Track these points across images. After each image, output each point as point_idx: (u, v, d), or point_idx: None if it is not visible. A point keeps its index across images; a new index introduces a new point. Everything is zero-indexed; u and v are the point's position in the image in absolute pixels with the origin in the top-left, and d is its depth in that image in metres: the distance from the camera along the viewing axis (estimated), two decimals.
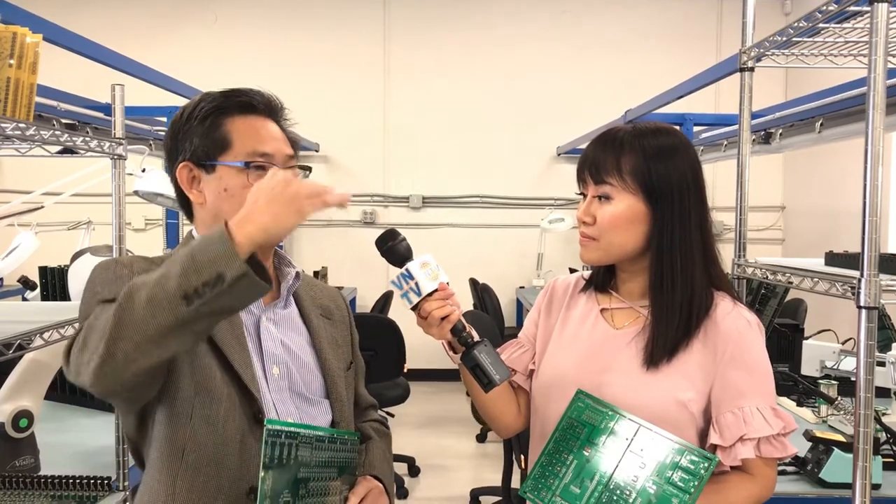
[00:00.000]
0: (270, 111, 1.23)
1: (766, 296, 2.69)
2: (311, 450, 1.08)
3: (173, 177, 1.22)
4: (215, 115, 1.18)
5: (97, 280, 1.14)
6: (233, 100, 1.20)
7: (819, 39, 1.86)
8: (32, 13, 2.08)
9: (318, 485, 1.11)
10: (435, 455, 4.46)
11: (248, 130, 1.19)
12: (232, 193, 1.17)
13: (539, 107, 6.36)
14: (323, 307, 1.33)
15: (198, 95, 1.23)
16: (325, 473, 1.12)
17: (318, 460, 1.10)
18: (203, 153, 1.18)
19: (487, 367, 1.20)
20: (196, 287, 0.92)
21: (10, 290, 4.01)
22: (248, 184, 1.15)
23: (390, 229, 1.24)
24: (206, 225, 1.22)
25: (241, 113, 1.20)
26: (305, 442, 1.07)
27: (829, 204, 5.61)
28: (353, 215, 6.43)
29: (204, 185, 1.19)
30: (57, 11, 3.31)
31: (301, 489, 1.06)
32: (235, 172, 1.17)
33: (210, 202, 1.19)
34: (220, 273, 0.92)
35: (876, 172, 1.36)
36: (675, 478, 1.13)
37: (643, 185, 1.23)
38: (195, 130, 1.18)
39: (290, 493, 1.04)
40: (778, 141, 3.54)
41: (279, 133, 1.23)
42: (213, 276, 0.92)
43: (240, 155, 1.17)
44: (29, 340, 1.56)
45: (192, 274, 0.93)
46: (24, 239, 2.73)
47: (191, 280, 0.92)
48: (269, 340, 1.21)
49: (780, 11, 6.26)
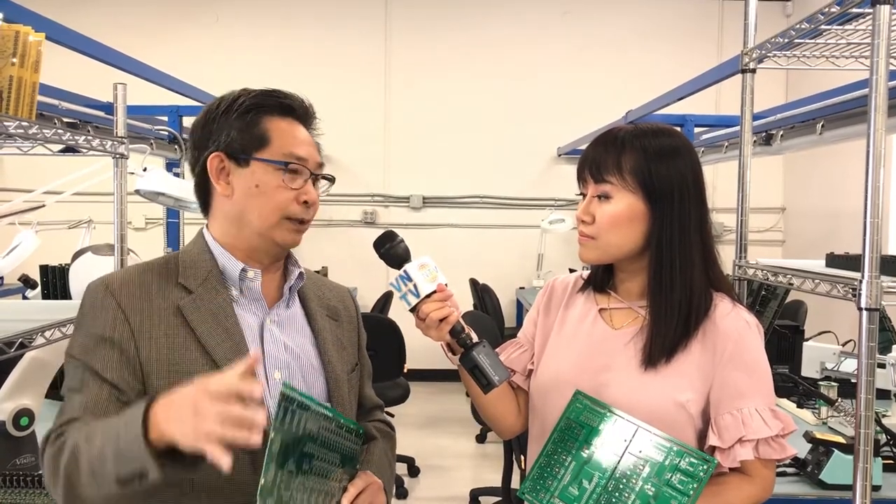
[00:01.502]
0: (305, 117, 1.24)
1: (767, 297, 2.69)
2: (318, 426, 1.07)
3: (199, 165, 1.20)
4: (256, 111, 1.18)
5: (85, 308, 1.15)
6: (275, 99, 1.20)
7: (821, 41, 1.86)
8: (35, 12, 2.08)
9: (322, 465, 1.09)
10: (435, 455, 4.46)
11: (286, 131, 1.19)
12: (263, 191, 1.17)
13: (540, 107, 6.36)
14: (330, 307, 1.32)
15: (236, 89, 1.22)
16: (329, 457, 1.11)
17: (323, 439, 1.09)
18: (239, 146, 1.17)
19: (486, 368, 1.20)
20: (125, 477, 0.94)
21: (10, 289, 4.01)
22: (283, 184, 1.16)
23: (388, 231, 1.24)
24: (223, 222, 1.21)
25: (281, 114, 1.20)
26: (315, 416, 1.06)
27: (829, 205, 5.61)
28: (353, 215, 6.43)
29: (234, 177, 1.18)
30: (59, 10, 3.32)
31: (305, 464, 1.05)
32: (271, 170, 1.17)
33: (238, 196, 1.18)
34: (142, 470, 0.93)
35: (877, 174, 1.36)
36: (674, 480, 1.13)
37: (643, 184, 1.23)
38: (233, 123, 1.17)
39: (294, 464, 1.03)
40: (779, 142, 3.54)
41: (311, 139, 1.24)
42: (137, 470, 0.93)
43: (276, 154, 1.17)
44: (30, 339, 1.56)
45: (122, 462, 0.94)
46: (25, 237, 2.74)
47: (120, 468, 0.94)
48: (271, 344, 1.20)
49: (782, 13, 6.26)
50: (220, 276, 1.20)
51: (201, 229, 1.25)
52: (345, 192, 6.36)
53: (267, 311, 1.22)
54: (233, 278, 1.20)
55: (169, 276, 1.19)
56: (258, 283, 1.20)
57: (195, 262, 1.20)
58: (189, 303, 1.15)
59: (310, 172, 1.20)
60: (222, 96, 1.22)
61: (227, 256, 1.20)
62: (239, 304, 1.20)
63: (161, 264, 1.22)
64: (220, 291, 1.18)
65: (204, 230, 1.25)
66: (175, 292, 1.16)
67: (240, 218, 1.19)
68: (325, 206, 6.27)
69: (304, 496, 1.05)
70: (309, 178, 1.20)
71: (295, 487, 1.03)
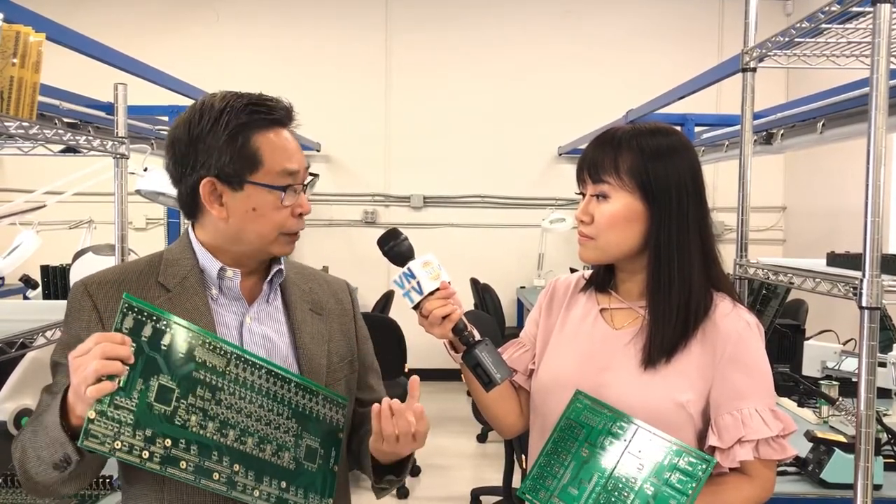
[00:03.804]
0: (288, 119, 1.22)
1: (768, 296, 2.69)
2: (209, 353, 1.08)
3: (187, 184, 1.18)
4: (244, 132, 1.15)
5: (67, 309, 1.20)
6: (261, 116, 1.17)
7: (821, 40, 1.86)
8: (35, 12, 2.08)
9: (244, 406, 1.10)
10: (435, 455, 4.46)
11: (276, 147, 1.17)
12: (261, 213, 1.16)
13: (540, 106, 6.36)
14: (314, 301, 1.31)
15: (213, 98, 1.18)
16: (265, 403, 1.12)
17: (234, 378, 1.09)
18: (232, 171, 1.14)
19: (488, 366, 1.20)
20: (57, 462, 1.02)
21: (11, 289, 4.01)
22: (280, 205, 1.16)
23: (392, 229, 1.24)
24: (221, 234, 1.20)
25: (270, 127, 1.17)
26: (199, 343, 1.07)
27: (830, 204, 5.60)
28: (354, 215, 6.43)
29: (229, 201, 1.16)
30: (59, 10, 3.32)
31: (200, 389, 1.06)
32: (267, 192, 1.16)
33: (235, 220, 1.17)
34: (66, 454, 1.01)
35: (878, 173, 1.36)
36: (673, 479, 1.13)
37: (640, 184, 1.23)
38: (223, 148, 1.14)
39: (176, 382, 1.04)
40: (779, 141, 3.54)
41: (296, 143, 1.22)
42: (63, 455, 1.01)
43: (270, 173, 1.16)
44: (31, 339, 1.56)
45: (54, 449, 1.02)
46: (26, 238, 2.74)
47: (53, 454, 1.02)
48: (250, 341, 1.21)
49: (782, 12, 6.26)
50: (199, 275, 1.20)
51: (186, 228, 1.26)
52: (345, 192, 6.36)
53: (247, 309, 1.23)
54: (212, 277, 1.21)
55: (150, 275, 1.20)
56: (237, 282, 1.21)
57: (177, 261, 1.21)
58: (165, 302, 1.16)
59: (302, 185, 1.20)
60: (202, 105, 1.17)
61: (209, 257, 1.21)
62: (218, 303, 1.21)
63: (145, 263, 1.23)
64: (197, 291, 1.19)
65: (189, 230, 1.25)
66: (153, 291, 1.17)
67: (236, 237, 1.19)
68: (325, 205, 6.30)
69: (197, 418, 1.05)
70: (300, 190, 1.20)
71: (177, 403, 1.04)
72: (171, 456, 1.02)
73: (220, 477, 1.06)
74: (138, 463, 1.00)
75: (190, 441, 1.04)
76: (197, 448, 1.05)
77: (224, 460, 1.07)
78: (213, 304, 1.20)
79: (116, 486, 1.75)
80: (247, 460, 1.09)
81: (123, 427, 0.98)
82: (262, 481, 1.11)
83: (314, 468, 1.18)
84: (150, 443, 1.00)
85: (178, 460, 1.03)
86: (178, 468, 1.03)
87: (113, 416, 0.97)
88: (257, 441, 1.11)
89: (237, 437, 1.09)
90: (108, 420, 0.97)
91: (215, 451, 1.06)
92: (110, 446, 0.97)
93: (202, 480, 1.05)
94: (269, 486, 1.12)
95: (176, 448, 1.03)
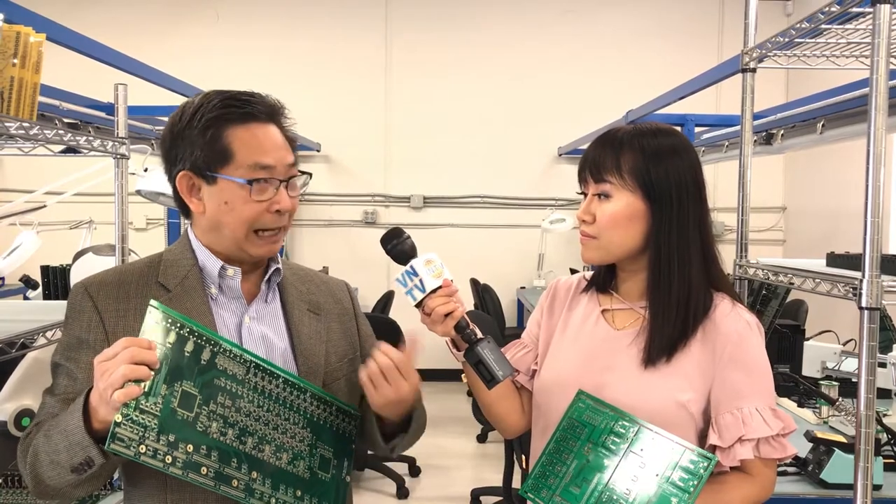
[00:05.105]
0: (271, 116, 1.21)
1: (768, 296, 2.69)
2: (242, 371, 1.09)
3: (172, 180, 1.21)
4: (216, 125, 1.15)
5: (67, 310, 1.20)
6: (234, 109, 1.16)
7: (821, 40, 1.86)
8: (36, 13, 2.08)
9: (260, 413, 1.10)
10: (435, 455, 4.46)
11: (250, 141, 1.16)
12: (232, 207, 1.16)
13: (540, 107, 6.36)
14: (311, 302, 1.32)
15: (198, 96, 1.20)
16: (280, 412, 1.13)
17: (268, 392, 1.11)
18: (204, 164, 1.15)
19: (490, 363, 1.20)
20: (76, 465, 1.03)
21: (12, 289, 4.01)
22: (250, 199, 1.15)
23: (395, 228, 1.25)
24: (204, 230, 1.22)
25: (243, 122, 1.16)
26: (232, 360, 1.08)
27: (830, 205, 5.61)
28: (354, 215, 6.43)
29: (204, 194, 1.18)
30: (59, 10, 3.32)
31: (220, 396, 1.06)
32: (237, 186, 1.15)
33: (210, 213, 1.18)
34: (89, 457, 1.02)
35: (878, 173, 1.36)
36: (675, 477, 1.13)
37: (642, 184, 1.24)
38: (196, 140, 1.15)
39: (196, 388, 1.04)
40: (779, 142, 3.55)
41: (280, 139, 1.20)
42: (85, 458, 1.02)
43: (241, 167, 1.15)
44: (31, 339, 1.56)
45: (73, 452, 1.02)
46: (26, 238, 2.74)
47: (72, 458, 1.02)
48: (249, 341, 1.21)
49: (782, 12, 6.26)
50: (199, 274, 1.21)
51: (186, 228, 1.26)
52: (345, 192, 6.36)
53: (245, 309, 1.23)
54: (212, 276, 1.21)
55: (150, 275, 1.20)
56: (238, 280, 1.21)
57: (177, 260, 1.22)
58: (165, 302, 1.16)
59: (279, 181, 1.18)
60: (185, 104, 1.20)
61: (208, 255, 1.21)
62: (218, 302, 1.21)
63: (145, 263, 1.23)
64: (197, 290, 1.19)
65: (189, 229, 1.26)
66: (153, 291, 1.18)
67: (216, 229, 1.19)
68: (325, 206, 6.30)
69: (218, 425, 1.06)
70: (279, 186, 1.18)
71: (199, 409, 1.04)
72: (192, 461, 1.02)
73: (238, 484, 1.07)
74: (161, 467, 1.00)
75: (211, 447, 1.04)
76: (217, 454, 1.05)
77: (243, 467, 1.08)
78: (212, 304, 1.20)
79: (117, 486, 1.75)
80: (264, 468, 1.10)
81: (148, 431, 0.99)
82: (279, 489, 1.11)
83: (328, 478, 1.19)
84: (174, 448, 1.01)
85: (199, 466, 1.03)
86: (199, 474, 1.03)
87: (138, 421, 0.98)
88: (274, 449, 1.12)
89: (255, 445, 1.09)
90: (133, 424, 0.98)
91: (234, 458, 1.07)
92: (135, 450, 0.98)
93: (222, 487, 1.05)
94: (285, 493, 1.12)
95: (197, 454, 1.03)
